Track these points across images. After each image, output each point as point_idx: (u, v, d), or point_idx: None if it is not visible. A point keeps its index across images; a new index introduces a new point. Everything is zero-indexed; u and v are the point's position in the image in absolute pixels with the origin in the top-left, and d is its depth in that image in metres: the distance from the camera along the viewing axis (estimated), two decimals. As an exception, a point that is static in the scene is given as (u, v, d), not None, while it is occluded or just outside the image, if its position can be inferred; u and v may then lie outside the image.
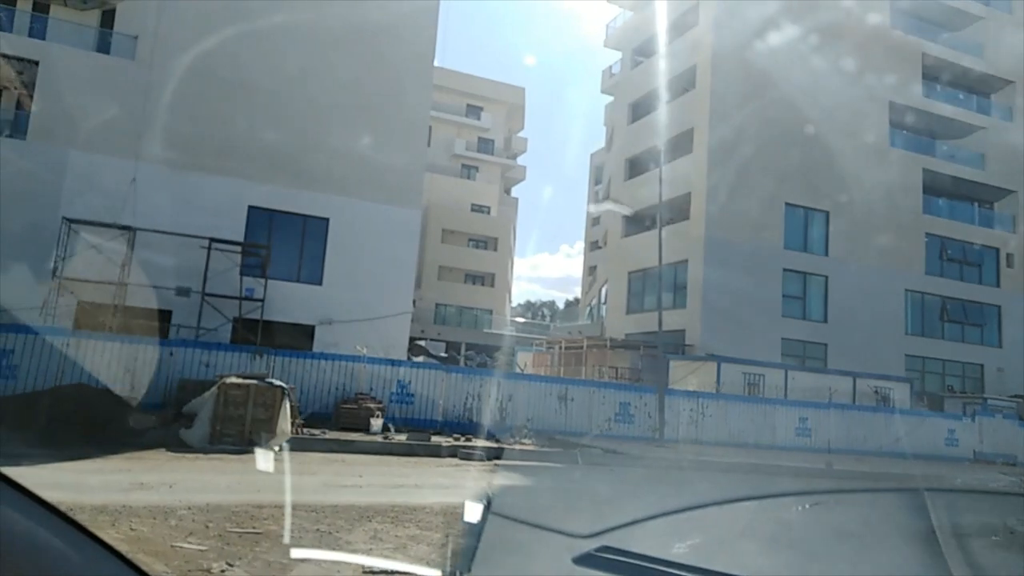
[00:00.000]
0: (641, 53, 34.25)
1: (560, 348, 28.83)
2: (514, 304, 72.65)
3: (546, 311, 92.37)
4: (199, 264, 19.40)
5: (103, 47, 20.86)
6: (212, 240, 19.59)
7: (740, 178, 27.82)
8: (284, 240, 21.33)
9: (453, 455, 13.54)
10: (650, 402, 20.14)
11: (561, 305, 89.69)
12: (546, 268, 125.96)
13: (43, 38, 20.23)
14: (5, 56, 19.18)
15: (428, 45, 23.57)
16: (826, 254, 29.44)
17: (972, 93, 33.69)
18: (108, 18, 21.11)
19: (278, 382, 12.35)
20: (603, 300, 36.40)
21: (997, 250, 32.83)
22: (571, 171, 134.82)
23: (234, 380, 11.99)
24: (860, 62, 29.63)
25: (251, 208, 20.94)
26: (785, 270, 28.48)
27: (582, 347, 28.01)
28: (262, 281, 20.10)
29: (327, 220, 21.70)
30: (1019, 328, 31.85)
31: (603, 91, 38.47)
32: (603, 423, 19.67)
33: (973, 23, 33.82)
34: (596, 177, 68.96)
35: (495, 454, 14.06)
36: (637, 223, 33.00)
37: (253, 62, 21.08)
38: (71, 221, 18.27)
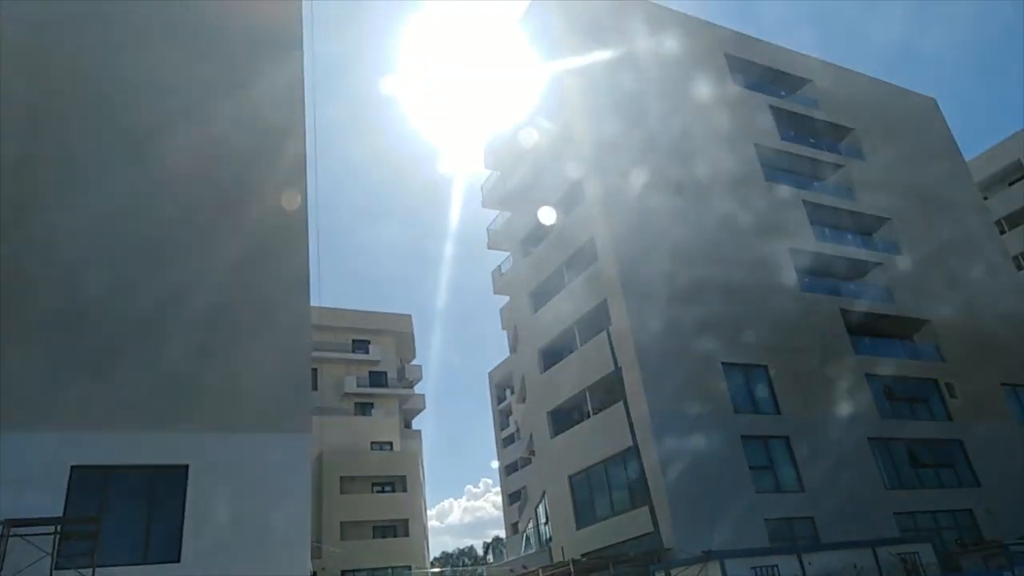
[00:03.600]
0: (531, 242, 32.74)
1: (510, 589, 22.82)
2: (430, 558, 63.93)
3: (467, 560, 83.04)
4: (-9, 565, 13.24)
5: None
6: (7, 523, 13.60)
7: (668, 344, 25.08)
8: (123, 506, 15.46)
9: None
10: (654, 633, 14.86)
11: (480, 551, 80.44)
12: (454, 514, 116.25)
13: None
14: None
15: (298, 255, 19.78)
16: (778, 412, 26.35)
17: (858, 233, 34.29)
18: None
19: None
20: (544, 520, 30.83)
21: (935, 381, 31.24)
22: (470, 397, 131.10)
23: None
24: (754, 211, 29.37)
25: (74, 468, 15.17)
26: (743, 437, 24.88)
27: (538, 581, 22.18)
28: (88, 572, 13.90)
29: (185, 467, 16.13)
30: (987, 461, 29.40)
31: (496, 292, 36.23)
32: None
33: (835, 171, 35.52)
34: (499, 396, 65.49)
35: None
36: (564, 419, 29.04)
37: (71, 275, 16.66)
38: None
